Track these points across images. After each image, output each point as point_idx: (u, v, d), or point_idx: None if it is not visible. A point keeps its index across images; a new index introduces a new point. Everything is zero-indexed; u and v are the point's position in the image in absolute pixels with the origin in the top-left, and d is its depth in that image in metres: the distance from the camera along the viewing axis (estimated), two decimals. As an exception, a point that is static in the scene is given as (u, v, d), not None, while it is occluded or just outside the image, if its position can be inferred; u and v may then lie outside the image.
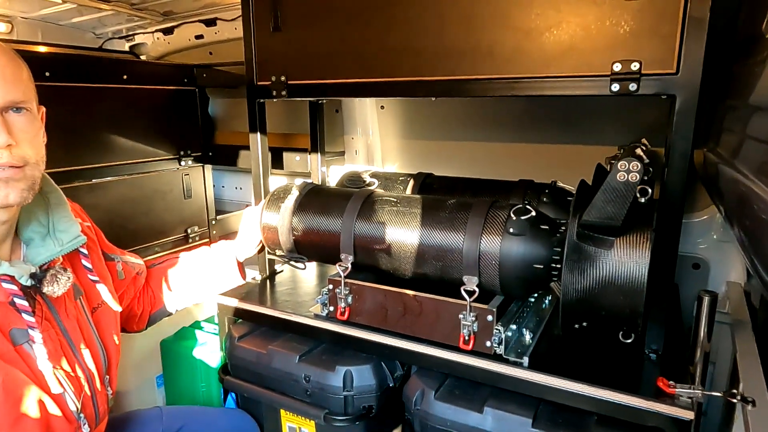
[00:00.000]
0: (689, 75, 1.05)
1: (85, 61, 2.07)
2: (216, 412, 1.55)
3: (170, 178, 2.39)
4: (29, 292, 0.98)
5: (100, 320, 1.17)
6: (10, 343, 0.93)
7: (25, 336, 0.95)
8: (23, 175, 0.93)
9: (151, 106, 2.27)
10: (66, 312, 1.06)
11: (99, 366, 1.13)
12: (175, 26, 2.52)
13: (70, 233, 1.07)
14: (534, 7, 1.16)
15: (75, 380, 1.04)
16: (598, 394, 1.05)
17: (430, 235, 1.25)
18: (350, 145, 2.41)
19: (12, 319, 0.94)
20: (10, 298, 0.94)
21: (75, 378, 1.04)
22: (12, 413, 0.90)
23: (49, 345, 0.99)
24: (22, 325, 0.95)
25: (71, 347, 1.06)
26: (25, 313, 0.95)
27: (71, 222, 1.09)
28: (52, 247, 1.03)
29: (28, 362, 0.95)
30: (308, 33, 1.46)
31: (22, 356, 0.94)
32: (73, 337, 1.06)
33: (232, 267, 1.50)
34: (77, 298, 1.11)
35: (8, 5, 2.25)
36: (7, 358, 0.91)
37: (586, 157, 1.53)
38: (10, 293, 0.93)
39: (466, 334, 1.18)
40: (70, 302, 1.08)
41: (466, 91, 1.28)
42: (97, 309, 1.17)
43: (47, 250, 1.03)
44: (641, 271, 1.01)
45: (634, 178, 0.97)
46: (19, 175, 0.92)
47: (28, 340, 0.95)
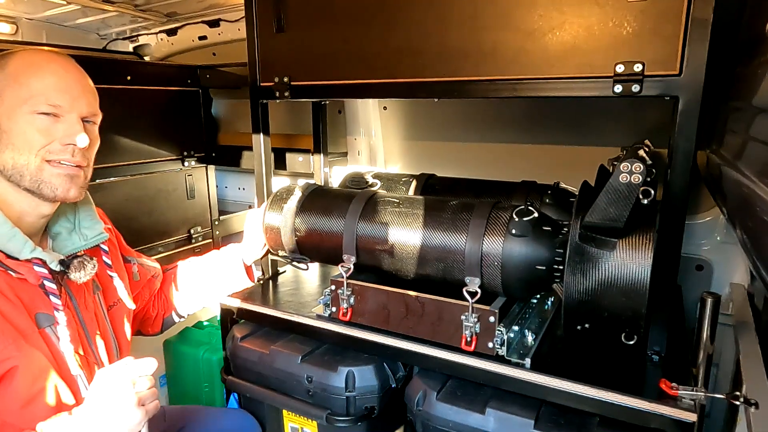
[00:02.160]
0: (692, 76, 1.05)
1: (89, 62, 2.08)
2: (218, 412, 1.55)
3: (173, 179, 2.40)
4: (57, 278, 1.04)
5: (115, 317, 1.23)
6: (35, 325, 0.99)
7: (49, 320, 1.01)
8: (83, 174, 1.07)
9: (155, 107, 2.28)
10: (85, 304, 1.12)
11: (111, 359, 1.17)
12: (179, 27, 2.53)
13: (95, 230, 1.17)
14: (537, 8, 1.16)
15: (88, 368, 1.08)
16: (600, 396, 1.05)
17: (433, 236, 1.25)
18: (353, 146, 2.42)
19: (39, 303, 1.01)
20: (41, 280, 1.01)
21: (89, 366, 1.09)
22: (27, 394, 0.95)
23: (71, 330, 1.04)
24: (48, 309, 1.01)
25: (87, 337, 1.11)
26: (53, 296, 1.02)
27: (96, 220, 1.19)
28: (77, 241, 1.13)
29: (49, 345, 1.00)
30: (311, 34, 1.46)
31: (45, 339, 1.00)
32: (89, 328, 1.12)
33: (239, 270, 1.52)
34: (95, 293, 1.17)
35: (13, 6, 2.26)
36: (29, 340, 0.97)
37: (588, 159, 1.53)
38: (41, 276, 1.00)
39: (468, 335, 1.17)
40: (89, 295, 1.14)
41: (468, 92, 1.28)
42: (113, 306, 1.23)
43: (72, 244, 1.13)
44: (644, 273, 1.01)
45: (637, 180, 0.97)
46: (81, 174, 1.06)
47: (52, 324, 1.01)
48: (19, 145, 0.99)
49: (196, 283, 1.50)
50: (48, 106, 0.99)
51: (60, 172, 1.01)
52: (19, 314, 0.97)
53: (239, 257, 1.53)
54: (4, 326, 0.93)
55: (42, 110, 0.99)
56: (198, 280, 1.50)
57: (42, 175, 1.00)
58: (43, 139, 0.99)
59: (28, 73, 0.99)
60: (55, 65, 1.03)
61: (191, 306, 1.52)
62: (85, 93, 1.05)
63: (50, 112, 1.00)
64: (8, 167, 0.99)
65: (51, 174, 1.01)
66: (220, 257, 1.53)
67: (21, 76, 0.99)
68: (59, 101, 1.00)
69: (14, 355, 0.93)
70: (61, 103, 1.00)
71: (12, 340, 0.94)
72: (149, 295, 1.43)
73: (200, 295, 1.52)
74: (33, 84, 0.99)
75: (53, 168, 1.01)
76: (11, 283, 0.97)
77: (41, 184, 1.00)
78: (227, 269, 1.52)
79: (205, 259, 1.53)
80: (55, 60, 1.04)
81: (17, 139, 0.98)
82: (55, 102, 1.00)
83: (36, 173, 1.00)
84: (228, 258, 1.52)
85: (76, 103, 1.02)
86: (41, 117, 0.99)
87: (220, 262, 1.52)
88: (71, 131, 1.01)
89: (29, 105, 0.98)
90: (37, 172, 1.00)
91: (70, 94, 1.01)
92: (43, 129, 0.99)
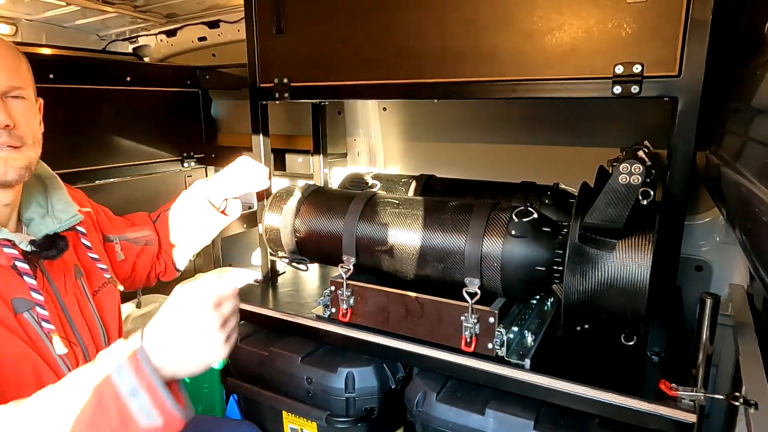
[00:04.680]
0: (691, 77, 1.05)
1: (88, 63, 2.09)
2: (223, 422, 1.54)
3: (173, 180, 2.40)
4: (30, 259, 1.01)
5: (103, 301, 1.19)
6: (11, 311, 0.96)
7: (26, 305, 0.98)
8: (20, 155, 0.99)
9: (155, 108, 2.28)
10: (65, 288, 1.09)
11: (99, 345, 1.13)
12: (179, 28, 2.52)
13: (68, 212, 1.12)
14: (536, 10, 1.16)
15: (71, 355, 1.05)
16: (600, 397, 1.05)
17: (432, 237, 1.25)
18: (352, 147, 2.42)
19: (14, 287, 0.97)
20: (12, 262, 0.97)
21: (72, 351, 1.05)
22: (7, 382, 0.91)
23: (50, 311, 1.01)
24: (24, 293, 0.98)
25: (69, 323, 1.07)
26: (27, 276, 0.98)
27: (69, 203, 1.14)
28: (51, 224, 1.09)
29: (27, 331, 0.97)
30: (311, 35, 1.46)
31: (22, 325, 0.97)
32: (71, 313, 1.08)
33: (206, 208, 1.47)
34: (78, 278, 1.14)
35: (13, 8, 2.26)
36: (6, 325, 0.94)
37: (588, 159, 1.53)
38: (11, 257, 0.97)
39: (468, 336, 1.18)
40: (69, 280, 1.11)
41: (467, 93, 1.28)
42: (98, 291, 1.19)
43: (46, 227, 1.08)
44: (643, 274, 1.01)
45: (636, 181, 0.97)
46: (16, 155, 0.99)
47: (30, 309, 0.98)
48: None
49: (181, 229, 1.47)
50: None
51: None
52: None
53: (203, 195, 1.47)
54: None
55: None
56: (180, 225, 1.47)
57: None
58: None
59: None
60: None
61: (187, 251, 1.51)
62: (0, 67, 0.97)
63: None
64: None
65: None
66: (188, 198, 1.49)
67: None
68: None
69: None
70: None
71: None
72: (149, 258, 1.41)
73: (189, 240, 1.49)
74: None
75: None
76: None
77: None
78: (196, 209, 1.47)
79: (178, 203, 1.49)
80: None
81: None
82: None
83: None
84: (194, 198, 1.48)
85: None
86: None
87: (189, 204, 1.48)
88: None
89: None
90: None
91: None
92: None
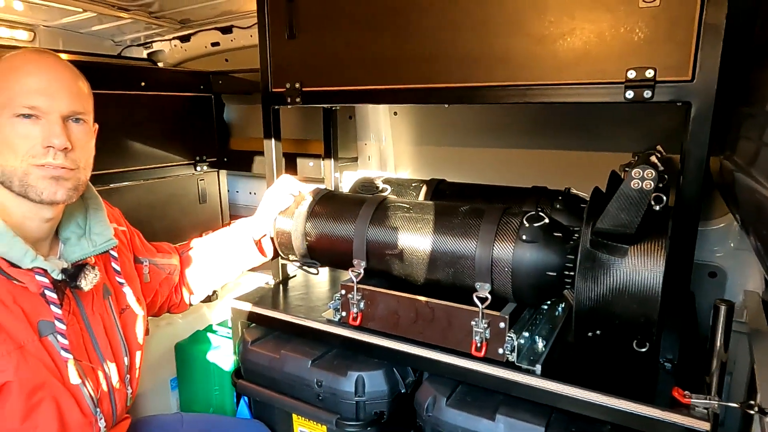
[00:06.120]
0: (705, 82, 1.04)
1: (104, 69, 2.12)
2: (234, 423, 1.55)
3: (186, 183, 2.42)
4: (60, 286, 1.04)
5: (127, 321, 1.23)
6: (35, 333, 0.99)
7: (50, 328, 1.01)
8: (72, 176, 1.04)
9: (168, 112, 2.31)
10: (92, 309, 1.13)
11: (120, 364, 1.17)
12: (192, 34, 2.55)
13: (104, 236, 1.16)
14: (548, 14, 1.16)
15: (93, 375, 1.09)
16: (612, 404, 1.04)
17: (443, 242, 1.25)
18: (363, 151, 2.42)
19: (41, 311, 1.00)
20: (42, 289, 1.00)
21: (93, 373, 1.09)
22: (26, 403, 0.95)
23: (73, 338, 1.04)
24: (50, 317, 1.01)
25: (93, 343, 1.11)
26: (54, 305, 1.01)
27: (106, 226, 1.18)
28: (86, 247, 1.12)
29: (51, 353, 1.00)
30: (323, 40, 1.47)
31: (46, 347, 1.00)
32: (96, 333, 1.12)
33: (249, 247, 1.51)
34: (106, 297, 1.17)
35: (31, 14, 2.30)
36: (29, 348, 0.97)
37: (599, 164, 1.52)
38: (42, 285, 1.00)
39: (479, 341, 1.17)
40: (98, 300, 1.15)
41: (479, 97, 1.29)
42: (124, 311, 1.23)
43: (81, 249, 1.12)
44: (656, 280, 1.00)
45: (649, 186, 0.97)
46: (69, 176, 1.03)
47: (54, 332, 1.01)
48: (6, 152, 0.98)
49: (210, 265, 1.50)
50: (25, 108, 0.97)
51: (44, 175, 0.99)
52: (19, 323, 0.96)
53: (249, 234, 1.51)
54: (1, 337, 0.93)
55: (20, 113, 0.97)
56: (211, 261, 1.50)
57: (28, 179, 0.99)
58: (25, 142, 0.98)
59: (7, 76, 0.98)
60: (32, 66, 1.01)
61: (207, 287, 1.53)
62: (65, 90, 1.01)
63: (29, 114, 0.98)
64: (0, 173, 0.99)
65: (36, 177, 0.99)
66: (230, 235, 1.52)
67: (2, 80, 0.98)
68: (36, 102, 0.98)
69: (8, 369, 0.93)
70: (38, 104, 0.98)
71: (7, 352, 0.93)
72: (168, 289, 1.43)
73: (215, 277, 1.52)
74: (12, 87, 0.98)
75: (39, 171, 0.99)
76: (12, 291, 0.97)
77: (27, 188, 0.99)
78: (238, 247, 1.51)
79: (215, 239, 1.52)
80: (34, 60, 1.02)
81: (4, 146, 0.98)
82: (32, 103, 0.98)
83: (23, 177, 0.99)
84: (237, 235, 1.51)
85: (54, 103, 0.99)
86: (21, 120, 0.97)
87: (230, 241, 1.51)
88: (49, 132, 0.98)
89: (9, 109, 0.97)
90: (23, 177, 0.99)
91: (47, 93, 0.99)
92: (24, 133, 0.98)
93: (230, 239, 1.51)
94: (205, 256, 1.50)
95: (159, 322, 1.96)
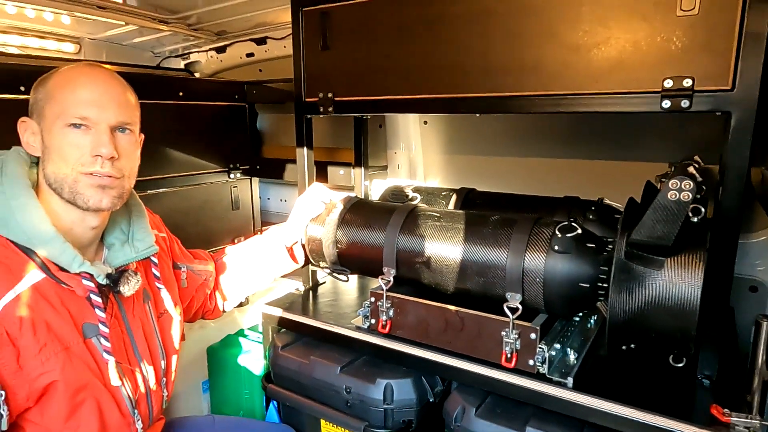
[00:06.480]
0: (746, 91, 1.01)
1: (145, 79, 2.21)
2: (264, 427, 1.58)
3: (219, 190, 2.48)
4: (104, 290, 1.09)
5: (164, 325, 1.27)
6: (80, 335, 1.03)
7: (94, 330, 1.05)
8: (117, 185, 1.09)
9: (204, 121, 2.38)
10: (133, 312, 1.17)
11: (157, 366, 1.21)
12: (228, 45, 2.63)
13: (146, 242, 1.21)
14: (582, 24, 1.15)
15: (132, 376, 1.12)
16: (647, 420, 1.02)
17: (473, 251, 1.25)
18: (393, 160, 2.44)
19: (86, 314, 1.05)
20: (88, 293, 1.05)
21: (132, 375, 1.13)
22: (70, 403, 0.99)
23: (114, 341, 1.09)
24: (94, 320, 1.05)
25: (133, 345, 1.15)
26: (98, 309, 1.06)
27: (148, 233, 1.23)
28: (129, 253, 1.18)
29: (94, 355, 1.05)
30: (355, 51, 1.50)
31: (89, 349, 1.04)
32: (136, 336, 1.16)
33: (282, 254, 1.55)
34: (146, 301, 1.22)
35: (78, 27, 2.42)
36: (74, 350, 1.01)
37: (634, 174, 1.49)
38: (88, 289, 1.05)
39: (509, 352, 1.16)
40: (138, 304, 1.19)
41: (510, 107, 1.28)
42: (162, 315, 1.27)
43: (124, 255, 1.17)
44: (694, 293, 0.98)
45: (687, 197, 0.95)
46: (114, 184, 1.08)
47: (97, 334, 1.05)
48: (58, 159, 1.04)
49: (244, 272, 1.54)
50: (77, 118, 1.03)
51: (92, 183, 1.05)
52: (66, 325, 1.01)
53: (281, 241, 1.55)
54: (49, 338, 0.97)
55: (71, 122, 1.03)
56: (244, 268, 1.54)
57: (77, 186, 1.04)
58: (76, 151, 1.03)
59: (61, 88, 1.04)
60: (84, 78, 1.06)
61: (240, 294, 1.57)
62: (114, 102, 1.07)
63: (80, 124, 1.03)
64: (52, 180, 1.05)
65: (85, 185, 1.04)
66: (263, 243, 1.56)
67: (56, 92, 1.04)
68: (87, 113, 1.03)
69: (55, 369, 0.97)
70: (88, 115, 1.03)
71: (55, 353, 0.97)
72: (203, 295, 1.47)
73: (248, 283, 1.56)
74: (65, 98, 1.03)
75: (87, 179, 1.04)
76: (60, 294, 1.02)
77: (76, 195, 1.04)
78: (270, 254, 1.55)
79: (249, 246, 1.57)
80: (86, 73, 1.07)
81: (56, 154, 1.04)
82: (83, 114, 1.03)
83: (72, 185, 1.04)
84: (270, 242, 1.55)
85: (103, 114, 1.05)
86: (72, 130, 1.03)
87: (263, 248, 1.55)
88: (97, 142, 1.04)
89: (61, 119, 1.03)
90: (73, 184, 1.04)
91: (98, 105, 1.04)
92: (75, 142, 1.03)
93: (263, 246, 1.55)
94: (239, 263, 1.54)
95: (192, 326, 2.01)
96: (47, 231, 1.00)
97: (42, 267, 1.00)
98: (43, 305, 0.98)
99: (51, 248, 1.00)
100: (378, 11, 1.43)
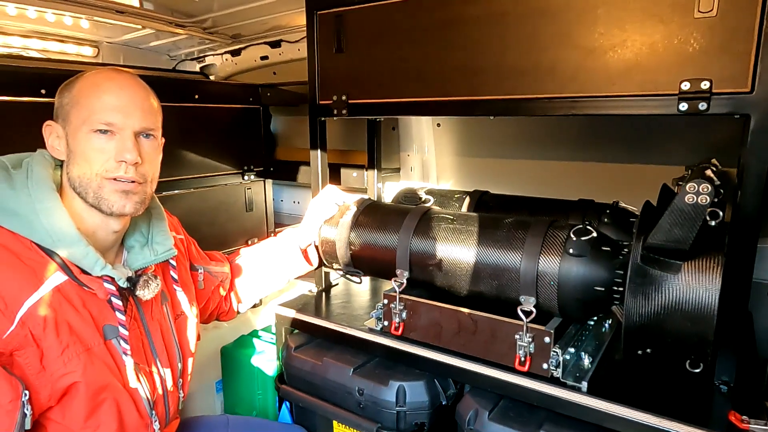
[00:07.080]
0: (765, 93, 1.00)
1: (162, 82, 2.23)
2: (277, 427, 1.59)
3: (233, 192, 2.50)
4: (124, 293, 1.10)
5: (181, 327, 1.29)
6: (101, 337, 1.05)
7: (115, 332, 1.07)
8: (140, 190, 1.10)
9: (219, 124, 2.40)
10: (151, 315, 1.18)
11: (174, 368, 1.22)
12: (243, 48, 2.65)
13: (165, 246, 1.22)
14: (598, 26, 1.15)
15: (150, 378, 1.14)
16: (663, 425, 1.01)
17: (487, 254, 1.25)
18: (406, 162, 2.44)
19: (106, 316, 1.07)
20: (109, 296, 1.06)
21: (150, 376, 1.14)
22: (90, 403, 1.01)
23: (133, 342, 1.10)
24: (114, 322, 1.07)
25: (151, 347, 1.17)
26: (119, 311, 1.07)
27: (167, 236, 1.24)
28: (148, 256, 1.19)
29: (114, 356, 1.06)
30: (369, 54, 1.50)
31: (110, 350, 1.06)
32: (154, 338, 1.18)
33: (296, 256, 1.57)
34: (163, 303, 1.23)
35: (96, 31, 2.46)
36: (95, 351, 1.03)
37: (649, 178, 1.48)
38: (109, 292, 1.06)
39: (522, 355, 1.16)
40: (156, 306, 1.20)
41: (525, 110, 1.28)
42: (179, 316, 1.29)
43: (144, 258, 1.18)
44: (711, 298, 0.97)
45: (704, 201, 0.94)
46: (137, 189, 1.10)
47: (118, 336, 1.07)
48: (83, 164, 1.05)
49: (259, 274, 1.56)
50: (102, 124, 1.04)
51: (116, 188, 1.06)
52: (87, 327, 1.02)
53: (295, 243, 1.56)
54: (71, 339, 0.99)
55: (97, 128, 1.04)
56: (259, 270, 1.56)
57: (102, 191, 1.05)
58: (100, 156, 1.04)
59: (87, 94, 1.05)
60: (110, 84, 1.07)
61: (255, 295, 1.58)
62: (138, 108, 1.08)
63: (105, 130, 1.04)
64: (77, 185, 1.06)
65: (109, 191, 1.06)
66: (277, 245, 1.57)
67: (82, 97, 1.05)
68: (112, 119, 1.04)
69: (77, 370, 0.98)
70: (113, 120, 1.05)
71: (77, 354, 0.99)
72: (218, 296, 1.49)
73: (263, 285, 1.57)
74: (91, 104, 1.04)
75: (111, 185, 1.06)
76: (82, 296, 1.03)
77: (100, 200, 1.06)
78: (285, 256, 1.56)
79: (263, 248, 1.58)
80: (112, 78, 1.08)
81: (81, 158, 1.05)
82: (108, 120, 1.04)
83: (97, 190, 1.05)
84: (284, 244, 1.57)
85: (128, 120, 1.06)
86: (97, 135, 1.04)
87: (278, 250, 1.57)
88: (122, 147, 1.05)
89: (87, 124, 1.04)
90: (98, 189, 1.05)
91: (123, 110, 1.05)
92: (99, 147, 1.04)
93: (277, 248, 1.56)
94: (254, 265, 1.55)
95: (206, 326, 2.02)
96: (71, 234, 1.02)
97: (64, 269, 1.01)
98: (65, 307, 1.00)
99: (74, 251, 1.02)
100: (392, 14, 1.44)
